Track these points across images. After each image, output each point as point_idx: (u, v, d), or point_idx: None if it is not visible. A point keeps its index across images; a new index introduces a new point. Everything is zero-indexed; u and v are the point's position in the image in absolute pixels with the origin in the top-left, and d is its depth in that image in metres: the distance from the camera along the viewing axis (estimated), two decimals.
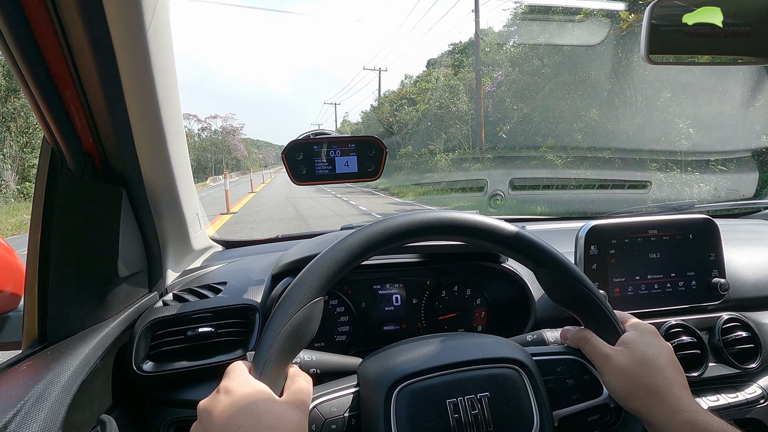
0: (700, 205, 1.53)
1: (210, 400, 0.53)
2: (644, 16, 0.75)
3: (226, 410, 0.51)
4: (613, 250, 1.01)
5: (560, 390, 0.65)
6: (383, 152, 0.90)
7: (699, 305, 1.04)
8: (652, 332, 0.67)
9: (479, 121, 16.76)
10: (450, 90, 21.59)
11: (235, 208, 11.84)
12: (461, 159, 16.98)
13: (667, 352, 0.65)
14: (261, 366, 0.56)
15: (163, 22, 0.70)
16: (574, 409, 0.64)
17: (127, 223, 0.80)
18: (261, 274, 0.98)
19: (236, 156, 67.38)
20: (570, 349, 0.70)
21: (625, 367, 0.62)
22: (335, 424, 0.59)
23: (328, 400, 0.60)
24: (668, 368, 0.62)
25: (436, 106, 21.67)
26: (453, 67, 25.27)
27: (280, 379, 0.57)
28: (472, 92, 19.74)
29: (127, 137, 0.74)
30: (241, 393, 0.52)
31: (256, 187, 22.87)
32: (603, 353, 0.65)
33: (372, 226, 0.64)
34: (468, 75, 21.83)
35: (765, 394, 0.97)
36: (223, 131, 63.94)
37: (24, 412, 0.53)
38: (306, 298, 0.59)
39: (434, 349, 0.64)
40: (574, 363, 0.68)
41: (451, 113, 20.88)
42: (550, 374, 0.66)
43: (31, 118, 14.14)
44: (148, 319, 0.82)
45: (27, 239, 0.73)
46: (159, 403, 0.82)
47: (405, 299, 1.06)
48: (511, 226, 0.67)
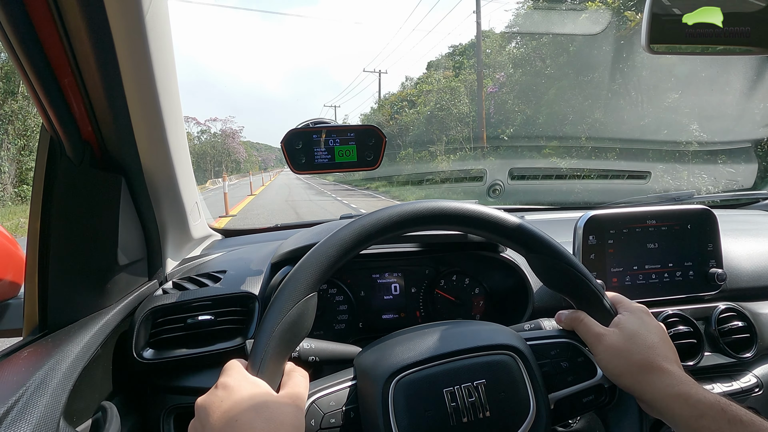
0: (698, 195, 1.53)
1: (208, 397, 0.54)
2: (645, 6, 0.75)
3: (224, 406, 0.51)
4: (612, 240, 1.01)
5: (555, 373, 0.66)
6: (383, 141, 0.90)
7: (696, 295, 1.04)
8: (643, 311, 0.68)
9: (481, 122, 16.72)
10: (451, 92, 21.53)
11: (233, 210, 11.78)
12: (462, 160, 16.86)
13: (658, 329, 0.66)
14: (258, 363, 0.56)
15: (161, 9, 0.70)
16: (569, 391, 0.65)
17: (126, 211, 0.80)
18: (260, 263, 0.98)
19: (236, 159, 67.41)
20: (564, 333, 0.71)
21: (617, 344, 0.63)
22: (334, 417, 0.59)
23: (325, 394, 0.61)
24: (659, 345, 0.63)
25: (436, 108, 21.56)
26: (453, 69, 24.96)
27: (276, 375, 0.58)
28: (473, 94, 19.61)
29: (126, 125, 0.74)
30: (238, 389, 0.53)
31: (256, 190, 22.73)
32: (595, 333, 0.65)
33: (362, 218, 0.65)
34: (469, 77, 21.75)
35: (760, 383, 0.98)
36: (223, 134, 63.96)
37: (25, 399, 0.54)
38: (299, 294, 0.59)
39: (429, 339, 0.64)
40: (568, 346, 0.68)
41: (452, 115, 20.76)
42: (544, 358, 0.66)
43: (29, 121, 14.01)
44: (148, 306, 0.83)
45: (25, 240, 0.73)
46: (159, 390, 0.82)
47: (404, 288, 1.07)
48: (502, 213, 0.68)
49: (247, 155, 76.00)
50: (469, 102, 20.54)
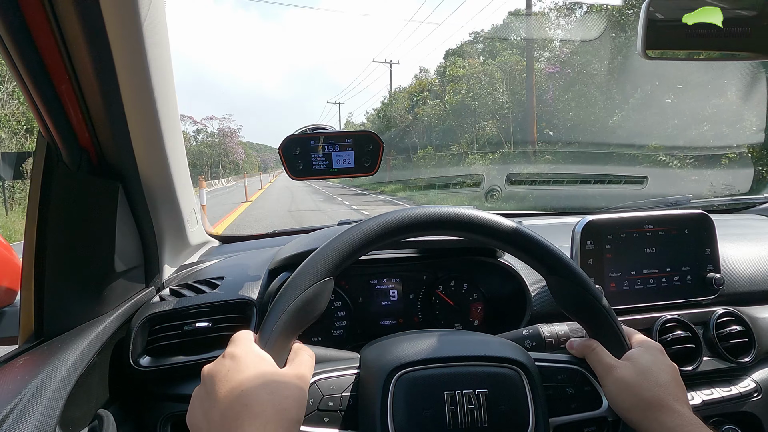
0: (695, 200, 1.53)
1: (215, 365, 0.54)
2: (641, 11, 0.75)
3: (231, 374, 0.52)
4: (609, 245, 1.01)
5: (559, 398, 0.65)
6: (380, 147, 0.90)
7: (694, 300, 1.04)
8: (657, 349, 0.67)
9: (531, 114, 14.98)
10: (487, 77, 19.04)
11: (218, 226, 9.98)
12: (504, 160, 15.20)
13: (671, 369, 0.65)
14: (267, 336, 0.57)
15: (159, 16, 0.70)
16: (571, 418, 0.64)
17: (123, 218, 0.80)
18: (258, 270, 0.98)
19: (234, 159, 65.38)
20: (574, 359, 0.69)
21: (628, 378, 0.62)
22: (332, 401, 0.59)
23: (328, 377, 0.61)
24: (671, 384, 0.62)
25: (470, 97, 19.43)
26: (481, 55, 22.66)
27: (284, 351, 0.58)
28: (513, 79, 17.63)
29: (124, 132, 0.74)
30: (245, 359, 0.53)
31: (251, 195, 19.46)
32: (607, 364, 0.64)
33: (388, 214, 0.65)
34: (511, 58, 19.10)
35: (758, 388, 0.98)
36: (220, 133, 61.94)
37: (21, 407, 0.53)
38: (318, 275, 0.60)
39: (438, 341, 0.64)
40: (576, 373, 0.67)
41: (487, 105, 18.62)
42: (550, 380, 0.65)
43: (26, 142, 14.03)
44: (145, 314, 0.82)
45: (20, 246, 0.72)
46: (156, 398, 0.82)
47: (402, 294, 1.06)
48: (525, 229, 0.67)
49: (245, 156, 74.14)
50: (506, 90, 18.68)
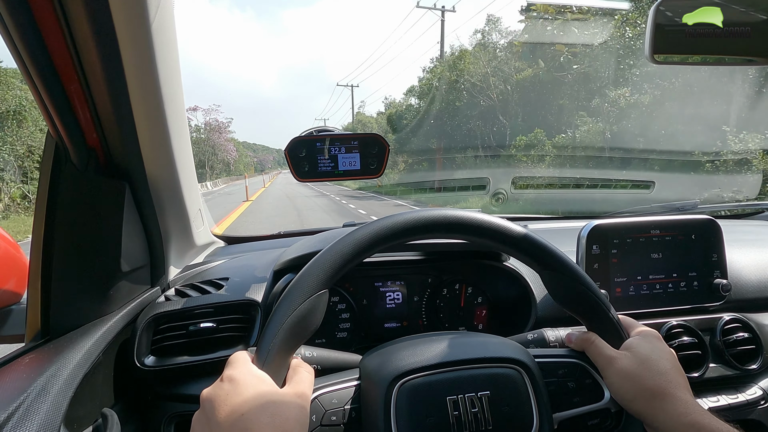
0: (702, 205, 1.52)
1: (213, 389, 0.54)
2: (649, 16, 0.75)
3: (230, 398, 0.51)
4: (615, 249, 1.01)
5: (561, 392, 0.65)
6: (386, 150, 0.90)
7: (700, 306, 1.03)
8: (655, 337, 0.67)
9: None
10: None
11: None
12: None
13: (670, 356, 0.65)
14: (264, 356, 0.56)
15: (167, 17, 0.70)
16: (574, 412, 0.64)
17: (130, 218, 0.80)
18: (263, 271, 0.98)
19: (224, 158, 55.83)
20: (573, 352, 0.70)
21: (628, 369, 0.62)
22: (335, 415, 0.59)
23: (329, 391, 0.61)
24: (672, 371, 0.62)
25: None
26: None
27: (282, 369, 0.58)
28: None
29: (131, 132, 0.74)
30: (244, 382, 0.53)
31: (236, 208, 14.59)
32: (607, 355, 0.65)
33: (380, 221, 0.65)
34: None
35: (766, 396, 0.97)
36: (207, 127, 51.46)
37: (26, 405, 0.54)
38: (311, 289, 0.59)
39: (436, 346, 0.64)
40: (577, 366, 0.67)
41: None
42: (551, 376, 0.65)
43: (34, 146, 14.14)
44: (150, 313, 0.83)
45: (28, 245, 0.73)
46: (160, 398, 0.82)
47: (406, 297, 1.06)
48: (518, 227, 0.67)
49: (238, 155, 64.72)
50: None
